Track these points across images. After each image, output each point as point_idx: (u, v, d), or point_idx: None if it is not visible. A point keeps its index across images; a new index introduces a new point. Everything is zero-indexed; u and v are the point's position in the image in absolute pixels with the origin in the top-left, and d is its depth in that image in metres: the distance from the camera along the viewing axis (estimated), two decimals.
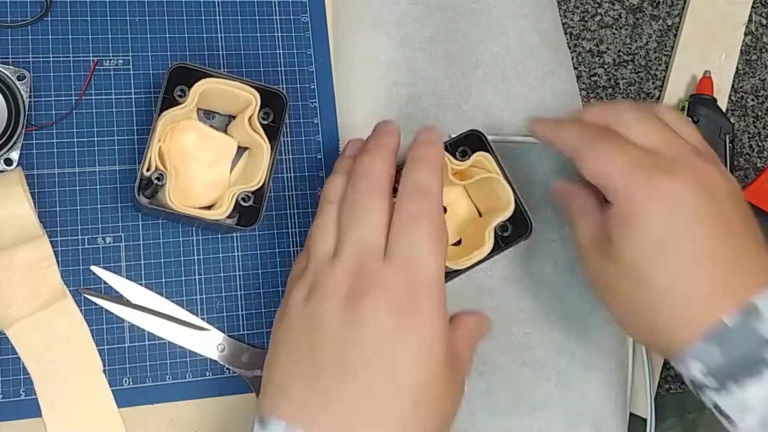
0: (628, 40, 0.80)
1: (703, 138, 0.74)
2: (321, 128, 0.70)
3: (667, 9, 0.82)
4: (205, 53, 0.68)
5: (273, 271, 0.66)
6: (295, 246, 0.67)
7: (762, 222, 0.73)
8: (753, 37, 0.83)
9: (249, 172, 0.65)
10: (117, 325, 0.62)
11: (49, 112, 0.64)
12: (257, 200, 0.62)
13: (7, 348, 0.60)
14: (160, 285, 0.63)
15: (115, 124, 0.65)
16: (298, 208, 0.68)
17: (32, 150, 0.63)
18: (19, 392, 0.59)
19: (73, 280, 0.62)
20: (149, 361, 0.62)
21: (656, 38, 0.81)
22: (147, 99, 0.66)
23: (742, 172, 0.79)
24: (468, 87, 0.72)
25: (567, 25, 0.79)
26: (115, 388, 0.61)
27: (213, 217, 0.62)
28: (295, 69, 0.70)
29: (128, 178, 0.65)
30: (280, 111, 0.65)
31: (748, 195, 0.73)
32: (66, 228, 0.63)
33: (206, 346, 0.63)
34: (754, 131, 0.80)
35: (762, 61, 0.82)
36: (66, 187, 0.63)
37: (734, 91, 0.81)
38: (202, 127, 0.65)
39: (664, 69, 0.80)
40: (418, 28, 0.72)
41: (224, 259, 0.65)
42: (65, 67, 0.65)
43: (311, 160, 0.69)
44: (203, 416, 0.62)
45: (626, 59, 0.79)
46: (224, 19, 0.70)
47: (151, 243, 0.64)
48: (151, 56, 0.67)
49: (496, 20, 0.73)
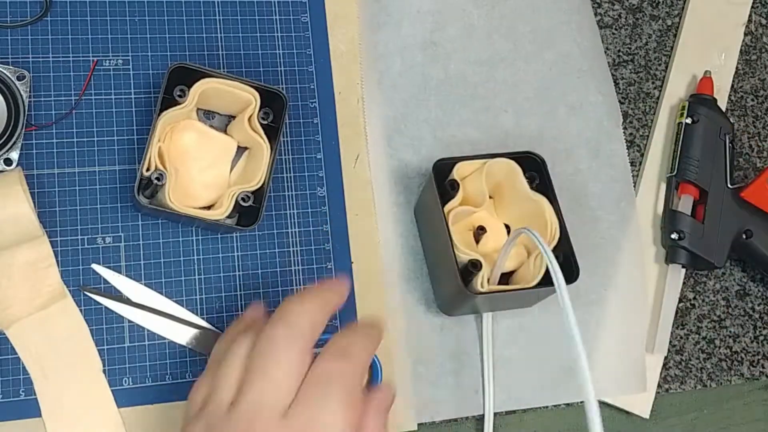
0: (628, 40, 0.80)
1: (703, 138, 0.74)
2: (321, 128, 0.70)
3: (667, 9, 0.82)
4: (205, 53, 0.68)
5: (273, 271, 0.66)
6: (295, 246, 0.67)
7: (762, 222, 0.73)
8: (753, 37, 0.83)
9: (249, 172, 0.65)
10: (117, 325, 0.62)
11: (49, 112, 0.64)
12: (257, 200, 0.62)
13: (7, 348, 0.60)
14: (160, 285, 0.63)
15: (115, 124, 0.65)
16: (298, 208, 0.68)
17: (32, 150, 0.63)
18: (19, 392, 0.59)
19: (72, 279, 0.62)
20: (149, 361, 0.62)
21: (656, 38, 0.81)
22: (147, 99, 0.66)
23: (742, 172, 0.79)
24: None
25: None
26: (115, 388, 0.61)
27: (213, 217, 0.62)
28: (295, 69, 0.70)
29: (128, 178, 0.64)
30: (279, 111, 0.65)
31: (748, 195, 0.73)
32: (66, 228, 0.63)
33: (206, 346, 0.63)
34: (753, 131, 0.80)
35: (762, 61, 0.82)
36: (66, 187, 0.63)
37: (734, 91, 0.81)
38: (201, 127, 0.65)
39: (664, 69, 0.80)
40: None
41: (224, 259, 0.65)
42: (65, 67, 0.65)
43: (311, 160, 0.69)
44: None
45: (626, 59, 0.79)
46: (224, 19, 0.70)
47: (151, 243, 0.64)
48: (151, 56, 0.67)
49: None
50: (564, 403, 0.69)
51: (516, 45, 0.76)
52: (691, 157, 0.73)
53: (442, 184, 0.64)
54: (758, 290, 0.76)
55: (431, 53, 0.74)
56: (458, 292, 0.62)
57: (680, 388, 0.72)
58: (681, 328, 0.74)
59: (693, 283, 0.75)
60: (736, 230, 0.72)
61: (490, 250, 0.66)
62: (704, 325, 0.74)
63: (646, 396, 0.71)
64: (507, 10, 0.76)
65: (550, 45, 0.76)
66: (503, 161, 0.65)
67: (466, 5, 0.76)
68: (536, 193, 0.64)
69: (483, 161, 0.64)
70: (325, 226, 0.68)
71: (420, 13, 0.74)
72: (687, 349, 0.74)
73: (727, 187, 0.73)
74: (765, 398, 0.75)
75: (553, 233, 0.63)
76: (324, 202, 0.68)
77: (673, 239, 0.72)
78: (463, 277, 0.62)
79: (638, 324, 0.72)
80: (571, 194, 0.73)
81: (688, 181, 0.73)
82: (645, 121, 0.78)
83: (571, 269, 0.62)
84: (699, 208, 0.73)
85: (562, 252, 0.63)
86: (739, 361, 0.74)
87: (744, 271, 0.77)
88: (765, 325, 0.76)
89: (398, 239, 0.69)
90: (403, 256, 0.68)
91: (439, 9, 0.75)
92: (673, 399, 0.73)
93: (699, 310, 0.75)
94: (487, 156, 0.65)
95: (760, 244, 0.72)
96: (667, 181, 0.76)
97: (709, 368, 0.73)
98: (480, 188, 0.64)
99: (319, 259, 0.67)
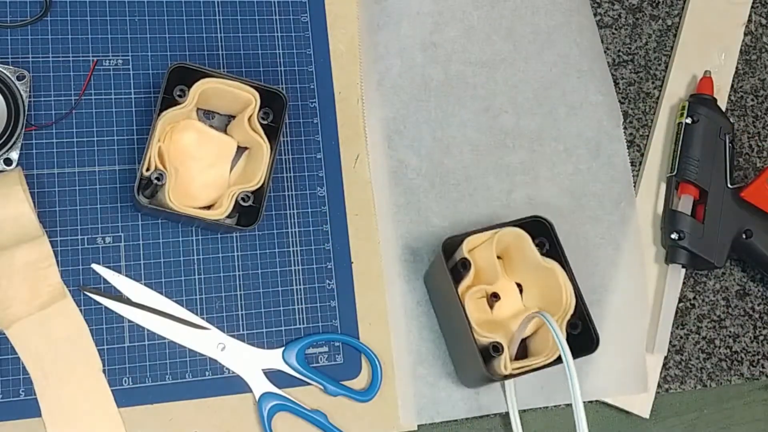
0: (628, 40, 0.80)
1: (703, 138, 0.74)
2: (321, 128, 0.70)
3: (666, 9, 0.82)
4: (205, 53, 0.68)
5: (273, 271, 0.66)
6: (295, 246, 0.67)
7: (762, 222, 0.73)
8: (753, 37, 0.83)
9: (249, 172, 0.65)
10: (117, 324, 0.62)
11: (49, 112, 0.64)
12: (257, 200, 0.62)
13: (7, 348, 0.60)
14: (159, 285, 0.63)
15: (115, 124, 0.65)
16: (298, 208, 0.68)
17: (32, 150, 0.63)
18: (19, 392, 0.59)
19: (72, 279, 0.62)
20: (149, 361, 0.62)
21: (656, 38, 0.81)
22: (147, 99, 0.66)
23: (742, 172, 0.79)
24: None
25: None
26: (115, 388, 0.61)
27: (213, 217, 0.61)
28: (295, 69, 0.70)
29: (128, 178, 0.64)
30: (280, 111, 0.65)
31: (748, 195, 0.73)
32: (66, 228, 0.63)
33: (206, 345, 0.63)
34: (753, 131, 0.80)
35: (762, 61, 0.82)
36: (66, 187, 0.63)
37: (734, 91, 0.81)
38: (201, 127, 0.65)
39: (664, 69, 0.80)
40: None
41: (224, 259, 0.65)
42: (65, 67, 0.65)
43: (311, 160, 0.69)
44: (203, 416, 0.62)
45: (626, 59, 0.79)
46: (224, 19, 0.70)
47: (151, 243, 0.64)
48: (151, 56, 0.67)
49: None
50: (564, 403, 0.69)
51: (516, 46, 0.76)
52: (691, 157, 0.73)
53: (454, 267, 0.63)
54: (758, 290, 0.76)
55: (431, 54, 0.74)
56: (482, 377, 0.62)
57: (680, 388, 0.72)
58: (681, 328, 0.74)
59: (693, 283, 0.75)
60: (736, 230, 0.72)
61: (504, 317, 0.65)
62: (704, 325, 0.74)
63: (646, 396, 0.71)
64: (506, 11, 0.76)
65: (549, 45, 0.76)
66: (512, 231, 0.64)
67: (465, 6, 0.76)
68: (547, 259, 0.64)
69: (492, 232, 0.63)
70: (325, 226, 0.68)
71: (420, 14, 0.74)
72: (687, 349, 0.74)
73: (727, 187, 0.73)
74: (765, 398, 0.75)
75: (569, 300, 0.63)
76: (324, 202, 0.68)
77: (673, 239, 0.72)
78: (483, 357, 0.61)
79: (638, 324, 0.72)
80: (571, 194, 0.73)
81: (688, 181, 0.73)
82: (645, 121, 0.78)
83: (591, 338, 0.62)
84: (699, 208, 0.73)
85: (579, 319, 0.63)
86: (739, 361, 0.74)
87: (744, 271, 0.77)
88: (765, 325, 0.76)
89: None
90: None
91: (439, 10, 0.75)
92: (673, 399, 0.73)
93: (699, 310, 0.75)
94: (495, 227, 0.64)
95: (760, 244, 0.72)
96: (667, 181, 0.76)
97: (709, 368, 0.73)
98: (491, 262, 0.64)
99: (319, 259, 0.67)
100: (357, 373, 0.66)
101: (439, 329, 0.68)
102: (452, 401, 0.66)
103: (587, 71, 0.77)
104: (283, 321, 0.65)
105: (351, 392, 0.64)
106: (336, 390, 0.64)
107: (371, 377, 0.65)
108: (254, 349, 0.64)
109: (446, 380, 0.67)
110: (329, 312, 0.66)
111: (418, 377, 0.66)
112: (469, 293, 0.62)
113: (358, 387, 0.65)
